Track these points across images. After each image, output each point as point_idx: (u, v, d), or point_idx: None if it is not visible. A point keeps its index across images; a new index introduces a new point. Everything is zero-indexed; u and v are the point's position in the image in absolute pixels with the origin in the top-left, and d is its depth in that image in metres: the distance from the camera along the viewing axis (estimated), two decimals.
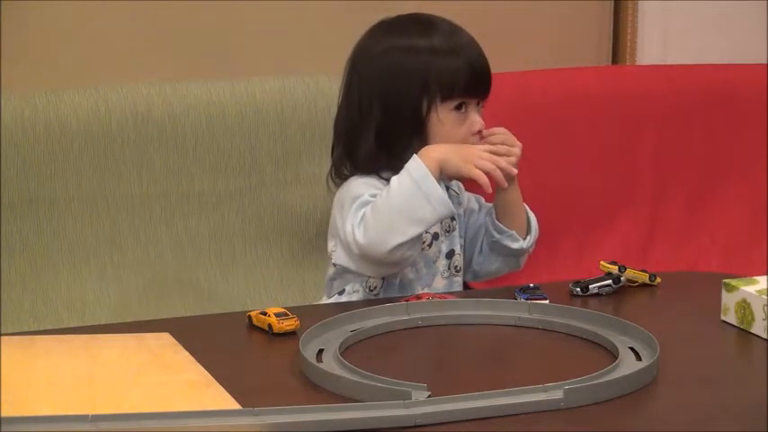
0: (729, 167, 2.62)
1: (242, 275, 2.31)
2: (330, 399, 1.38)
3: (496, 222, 1.90)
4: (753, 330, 1.62)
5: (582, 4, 2.73)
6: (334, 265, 1.88)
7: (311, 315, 1.62)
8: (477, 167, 1.78)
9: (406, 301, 1.69)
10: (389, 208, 1.75)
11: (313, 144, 2.34)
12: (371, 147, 1.85)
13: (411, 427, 1.30)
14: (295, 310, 1.64)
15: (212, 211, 2.30)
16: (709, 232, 2.60)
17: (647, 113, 2.56)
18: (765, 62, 2.71)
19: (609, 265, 1.83)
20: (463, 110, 1.85)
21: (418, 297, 1.73)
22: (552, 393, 1.35)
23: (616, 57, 2.79)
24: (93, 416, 1.25)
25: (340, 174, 1.90)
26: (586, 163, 2.48)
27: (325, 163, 2.33)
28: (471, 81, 1.84)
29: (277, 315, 1.61)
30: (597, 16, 2.75)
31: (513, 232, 1.90)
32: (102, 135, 2.23)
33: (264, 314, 1.63)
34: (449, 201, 1.77)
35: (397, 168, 1.81)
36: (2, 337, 1.57)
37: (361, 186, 1.84)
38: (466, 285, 2.04)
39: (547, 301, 1.70)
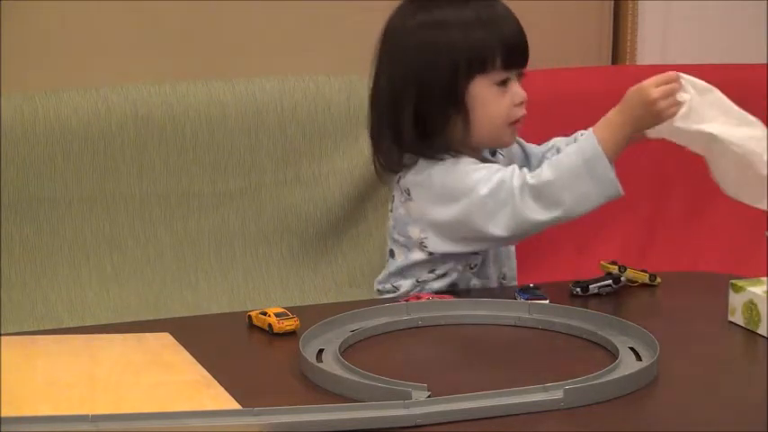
0: None
1: (242, 275, 2.31)
2: (330, 399, 1.38)
3: None
4: (759, 331, 1.62)
5: (582, 4, 2.73)
6: (430, 253, 1.86)
7: (311, 315, 1.62)
8: (667, 112, 1.71)
9: (406, 301, 1.69)
10: (561, 180, 1.73)
11: (313, 144, 2.34)
12: (411, 128, 1.82)
13: (411, 427, 1.30)
14: (295, 310, 1.64)
15: (212, 211, 2.30)
16: (709, 232, 2.59)
17: None
18: (765, 62, 2.71)
19: (609, 265, 1.84)
20: (505, 84, 1.83)
21: (418, 297, 1.73)
22: (552, 393, 1.35)
23: (616, 57, 2.79)
24: (93, 416, 1.25)
25: (392, 162, 1.87)
26: None
27: (326, 163, 2.33)
28: (507, 54, 1.82)
29: (277, 315, 1.61)
30: (597, 16, 2.75)
31: None
32: (102, 135, 2.23)
33: (264, 314, 1.63)
34: (617, 181, 1.74)
35: (442, 145, 1.80)
36: (2, 337, 1.57)
37: (464, 164, 1.81)
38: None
39: (547, 301, 1.70)
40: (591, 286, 1.81)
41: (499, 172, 1.78)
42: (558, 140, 1.99)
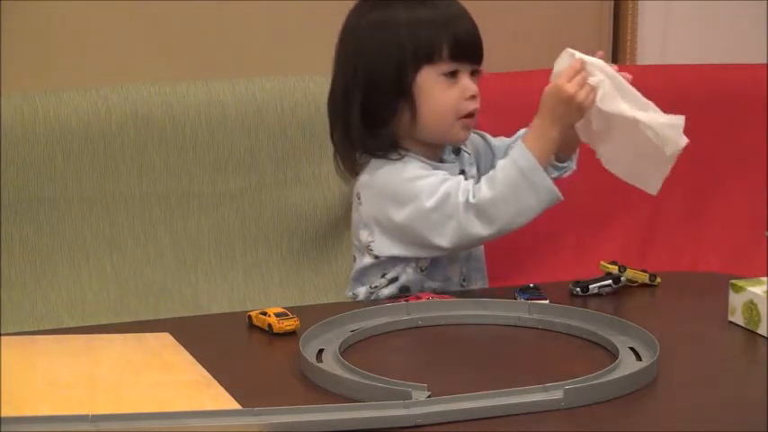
0: (729, 167, 2.62)
1: (242, 275, 2.31)
2: (330, 399, 1.38)
3: (555, 163, 1.88)
4: (759, 331, 1.62)
5: (582, 4, 2.73)
6: (377, 257, 1.86)
7: (311, 315, 1.62)
8: (587, 102, 1.74)
9: (406, 300, 1.69)
10: (501, 196, 1.75)
11: (313, 144, 2.34)
12: (359, 121, 1.83)
13: (411, 427, 1.30)
14: (295, 310, 1.64)
15: (212, 211, 2.30)
16: (709, 232, 2.60)
17: None
18: (765, 62, 2.71)
19: (609, 265, 1.83)
20: (455, 77, 1.83)
21: (418, 297, 1.73)
22: (552, 393, 1.35)
23: (616, 57, 2.79)
24: (93, 416, 1.25)
25: (347, 162, 1.88)
26: (586, 163, 2.48)
27: (326, 163, 2.34)
28: (455, 46, 1.82)
29: (277, 315, 1.61)
30: (597, 16, 2.75)
31: (568, 163, 1.90)
32: (102, 135, 2.23)
33: (264, 314, 1.63)
34: (554, 187, 1.76)
35: (390, 141, 1.81)
36: (2, 337, 1.57)
37: (410, 169, 1.81)
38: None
39: (547, 301, 1.70)
40: (591, 286, 1.81)
41: (445, 183, 1.78)
42: (523, 131, 1.98)
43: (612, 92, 1.74)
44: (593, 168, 2.46)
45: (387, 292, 1.86)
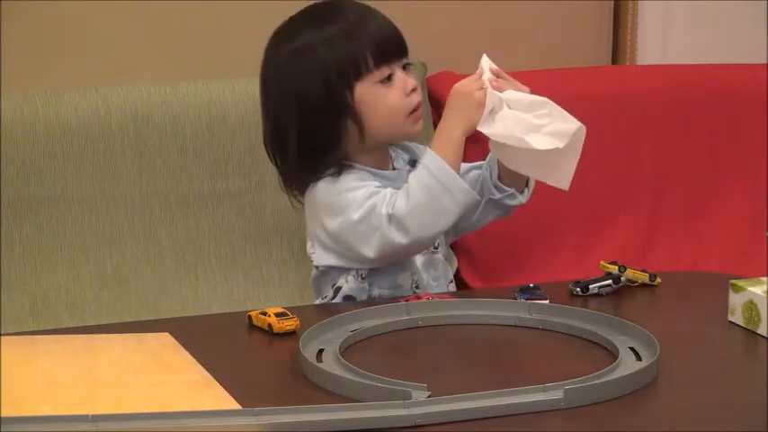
0: (729, 167, 2.62)
1: (242, 275, 2.31)
2: (330, 399, 1.38)
3: (498, 183, 1.89)
4: (759, 331, 1.62)
5: (582, 4, 2.73)
6: (317, 267, 1.88)
7: (311, 315, 1.62)
8: (483, 101, 1.78)
9: (406, 301, 1.69)
10: (418, 204, 1.76)
11: None
12: (296, 153, 1.84)
13: (411, 427, 1.30)
14: (295, 310, 1.64)
15: (212, 211, 2.30)
16: (709, 232, 2.59)
17: (647, 113, 2.56)
18: (765, 62, 2.71)
19: (609, 265, 1.84)
20: (390, 79, 1.83)
21: (418, 297, 1.73)
22: (552, 393, 1.35)
23: (616, 57, 2.79)
24: (93, 416, 1.25)
25: (293, 186, 1.90)
26: (586, 163, 2.48)
27: None
28: (377, 53, 1.82)
29: (277, 315, 1.61)
30: (597, 16, 2.75)
31: (514, 191, 1.89)
32: (102, 135, 2.23)
33: (264, 314, 1.63)
34: (469, 188, 1.78)
35: (338, 161, 1.82)
36: (2, 337, 1.57)
37: (344, 181, 1.82)
38: (457, 274, 2.02)
39: (547, 301, 1.71)
40: (591, 286, 1.81)
41: (372, 197, 1.79)
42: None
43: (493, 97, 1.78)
44: (593, 168, 2.46)
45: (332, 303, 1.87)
